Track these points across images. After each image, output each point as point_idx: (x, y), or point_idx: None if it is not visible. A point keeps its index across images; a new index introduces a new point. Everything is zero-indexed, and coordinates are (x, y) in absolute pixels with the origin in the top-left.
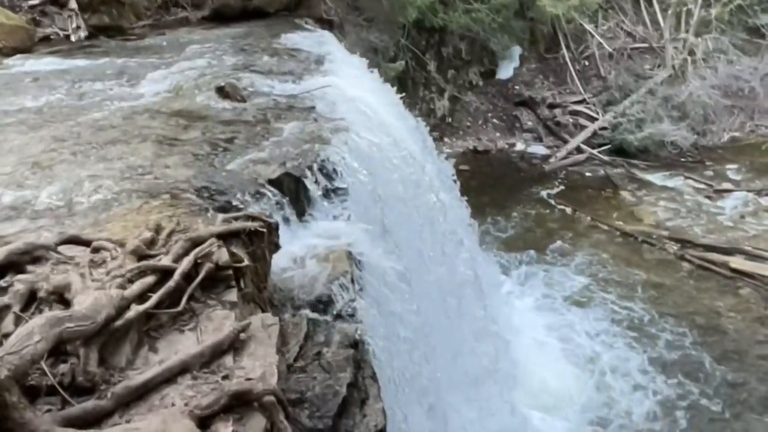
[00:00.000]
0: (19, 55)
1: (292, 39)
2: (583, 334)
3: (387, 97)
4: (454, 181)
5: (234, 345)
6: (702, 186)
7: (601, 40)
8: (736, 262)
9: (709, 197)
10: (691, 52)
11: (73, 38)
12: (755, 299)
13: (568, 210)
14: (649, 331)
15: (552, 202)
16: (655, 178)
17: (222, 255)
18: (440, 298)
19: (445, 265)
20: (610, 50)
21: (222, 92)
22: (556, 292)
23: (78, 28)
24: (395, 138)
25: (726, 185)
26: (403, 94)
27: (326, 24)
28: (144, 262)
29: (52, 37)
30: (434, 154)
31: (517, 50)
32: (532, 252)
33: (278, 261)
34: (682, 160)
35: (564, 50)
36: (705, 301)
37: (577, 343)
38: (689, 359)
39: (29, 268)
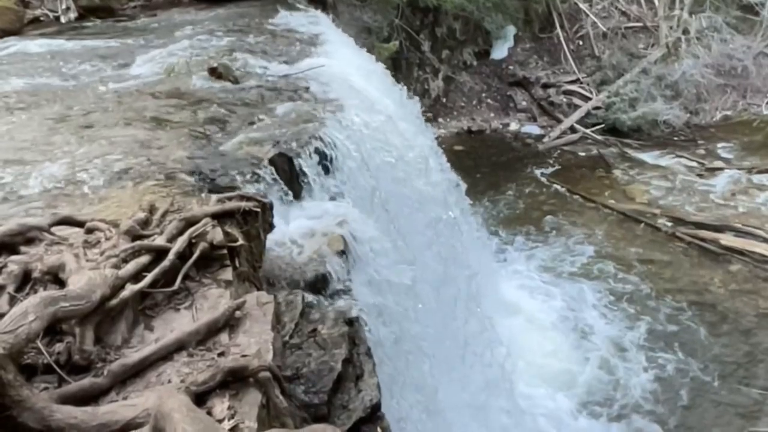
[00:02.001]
0: (8, 37)
1: (285, 19)
2: (583, 308)
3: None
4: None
5: (229, 323)
6: (694, 164)
7: (596, 20)
8: (727, 238)
9: (700, 175)
10: (685, 31)
11: (62, 19)
12: (745, 275)
13: (562, 189)
14: (647, 306)
15: (546, 181)
16: (648, 156)
17: (216, 234)
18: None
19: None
20: (605, 29)
21: (215, 73)
22: (553, 267)
23: (68, 9)
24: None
25: (717, 163)
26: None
27: (319, 4)
28: (138, 242)
29: (41, 18)
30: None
31: (511, 30)
32: (528, 229)
33: (274, 240)
34: (675, 138)
35: (558, 30)
36: (697, 277)
37: (577, 316)
38: (686, 333)
39: (23, 249)
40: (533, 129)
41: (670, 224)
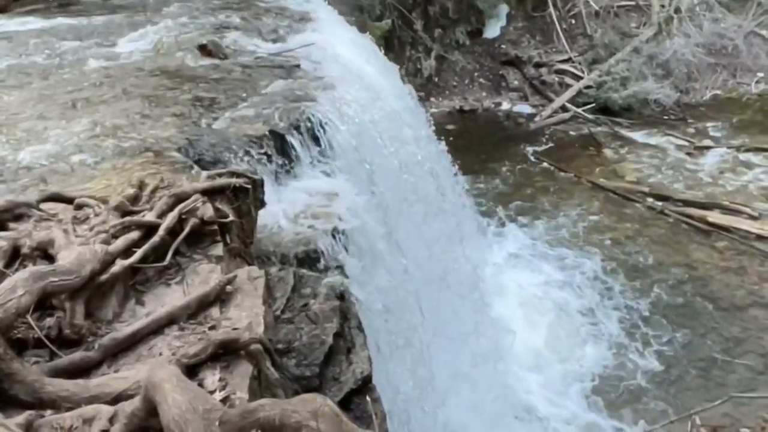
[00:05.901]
0: None
1: None
2: (575, 281)
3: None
4: None
5: (220, 297)
6: (683, 143)
7: None
8: (714, 216)
9: (689, 154)
10: (677, 10)
11: None
12: (731, 252)
13: (553, 167)
14: (636, 281)
15: (537, 159)
16: (638, 135)
17: (207, 210)
18: None
19: None
20: (597, 8)
21: (204, 50)
22: (544, 242)
23: None
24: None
25: (706, 142)
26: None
27: None
28: (128, 218)
29: None
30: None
31: (504, 9)
32: (519, 206)
33: (265, 217)
34: (665, 117)
35: (551, 9)
36: (684, 253)
37: (569, 287)
38: (676, 307)
39: (11, 225)
40: (525, 108)
41: (659, 203)
